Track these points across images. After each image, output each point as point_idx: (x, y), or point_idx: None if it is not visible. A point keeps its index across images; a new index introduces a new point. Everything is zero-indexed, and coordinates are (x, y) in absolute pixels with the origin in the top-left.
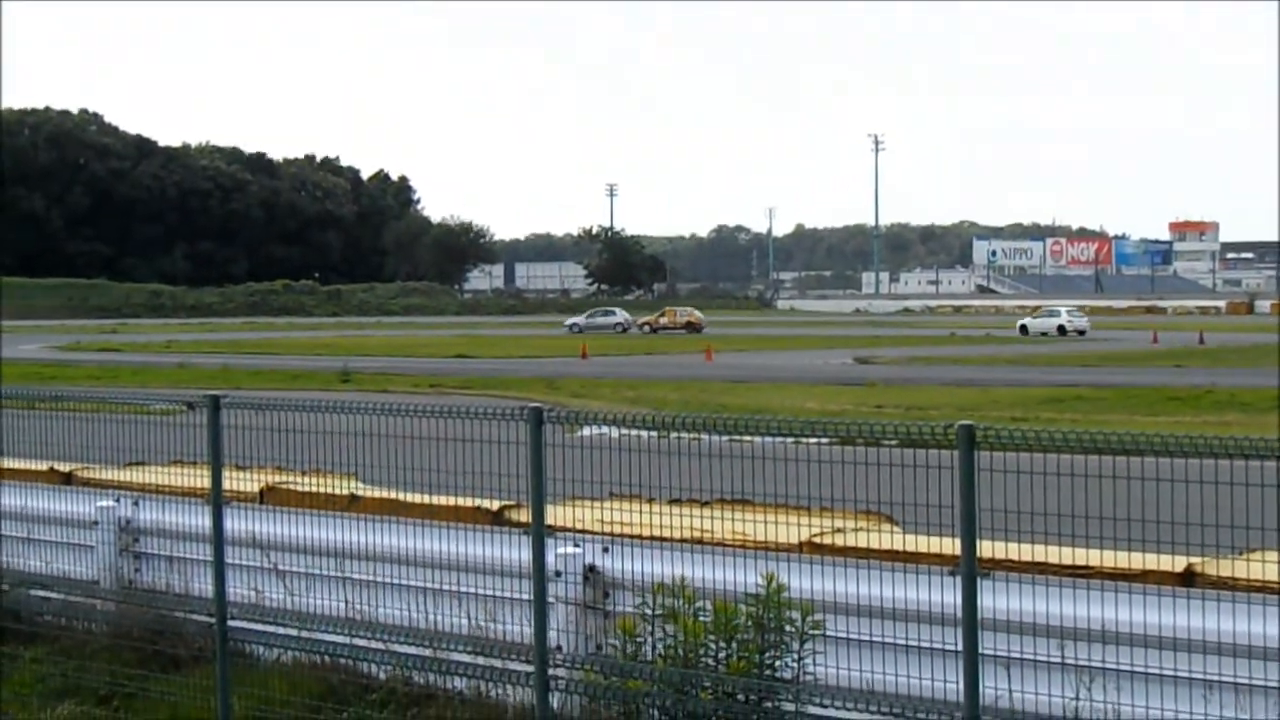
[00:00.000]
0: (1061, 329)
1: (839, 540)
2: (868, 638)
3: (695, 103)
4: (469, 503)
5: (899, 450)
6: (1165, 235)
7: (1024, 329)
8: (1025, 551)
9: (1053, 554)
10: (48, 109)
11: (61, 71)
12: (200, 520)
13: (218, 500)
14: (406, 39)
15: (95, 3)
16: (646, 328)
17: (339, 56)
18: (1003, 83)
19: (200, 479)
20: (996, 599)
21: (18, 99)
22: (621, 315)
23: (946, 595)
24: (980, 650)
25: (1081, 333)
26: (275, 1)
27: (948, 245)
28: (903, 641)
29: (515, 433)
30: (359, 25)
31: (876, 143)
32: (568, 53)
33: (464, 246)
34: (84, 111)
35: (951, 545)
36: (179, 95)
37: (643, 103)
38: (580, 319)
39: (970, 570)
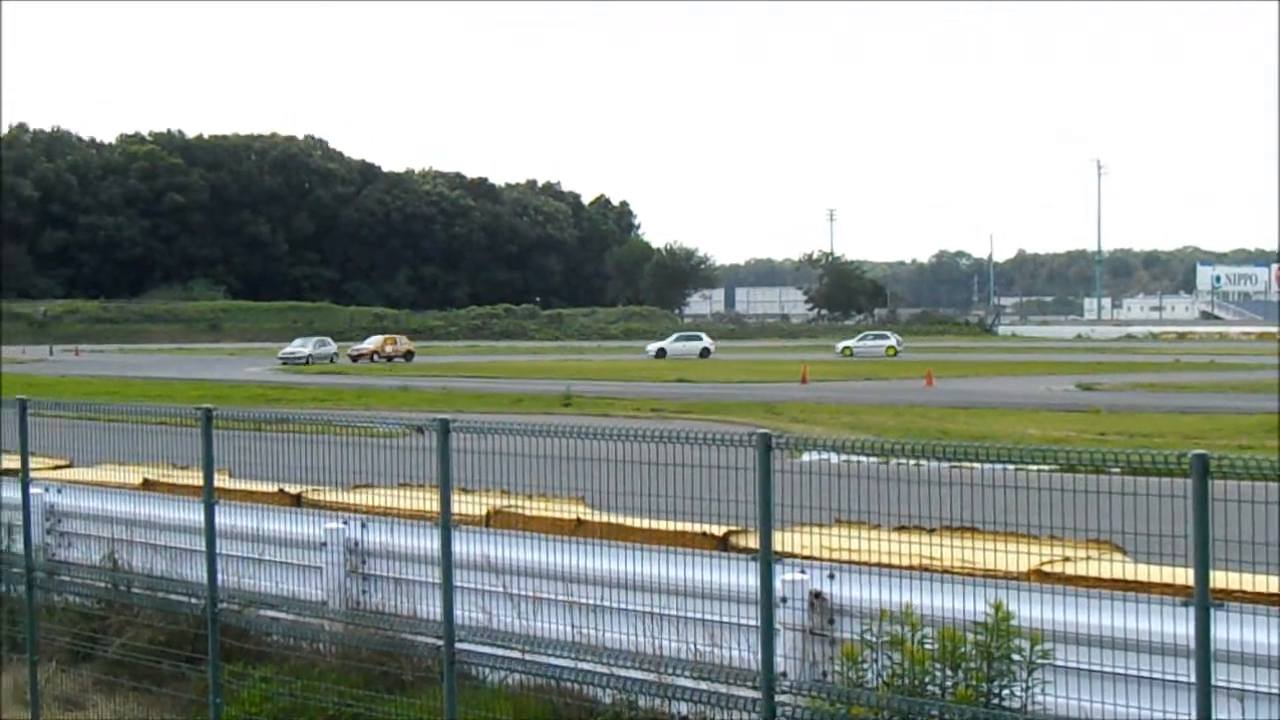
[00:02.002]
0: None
1: (1067, 569)
2: (1097, 668)
3: (916, 127)
4: (694, 528)
5: (1124, 478)
6: None
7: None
8: (1260, 583)
9: None
10: (274, 134)
11: (287, 97)
12: (427, 542)
13: (447, 523)
14: (628, 65)
15: (320, 32)
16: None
17: (562, 84)
18: (1226, 104)
19: (426, 502)
20: (1230, 630)
21: (246, 125)
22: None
23: (1178, 626)
24: (1213, 682)
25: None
26: (498, 31)
27: (1171, 271)
28: (1133, 672)
29: (739, 458)
30: (580, 53)
31: (1099, 167)
32: (787, 77)
33: (685, 271)
34: (309, 137)
35: (1183, 575)
36: (402, 121)
37: (864, 128)
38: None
39: (1204, 601)
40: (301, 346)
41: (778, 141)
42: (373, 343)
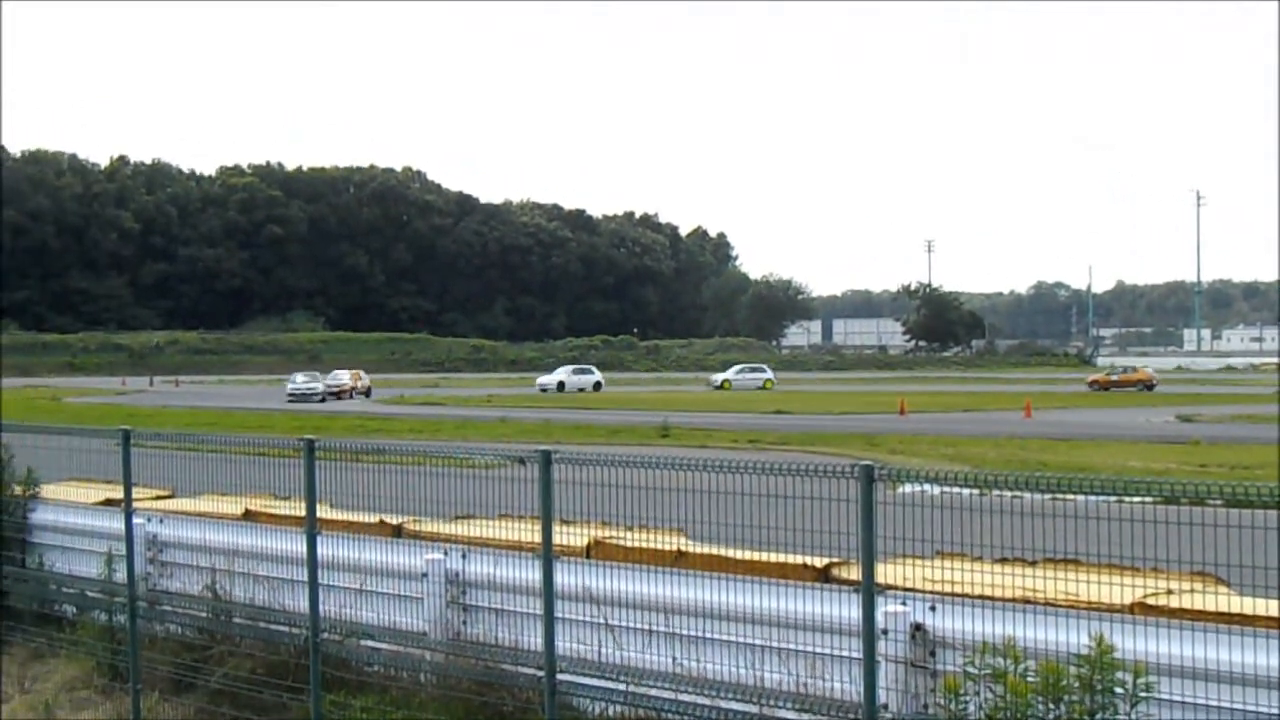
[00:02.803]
0: None
1: (1170, 601)
2: (1200, 700)
3: (1014, 157)
4: (795, 559)
5: (1225, 510)
6: None
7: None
8: None
9: None
10: (372, 166)
11: (387, 130)
12: (527, 574)
13: (548, 554)
14: (728, 97)
15: (420, 65)
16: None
17: (662, 116)
18: None
19: (527, 533)
20: None
21: (345, 157)
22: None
23: None
24: None
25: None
26: (597, 65)
27: (1271, 301)
28: (1237, 705)
29: (839, 489)
30: (681, 86)
31: (1198, 197)
32: (885, 108)
33: (782, 303)
34: (407, 169)
35: None
36: (501, 153)
37: (963, 158)
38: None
39: None
40: (313, 382)
41: (875, 171)
42: (346, 377)
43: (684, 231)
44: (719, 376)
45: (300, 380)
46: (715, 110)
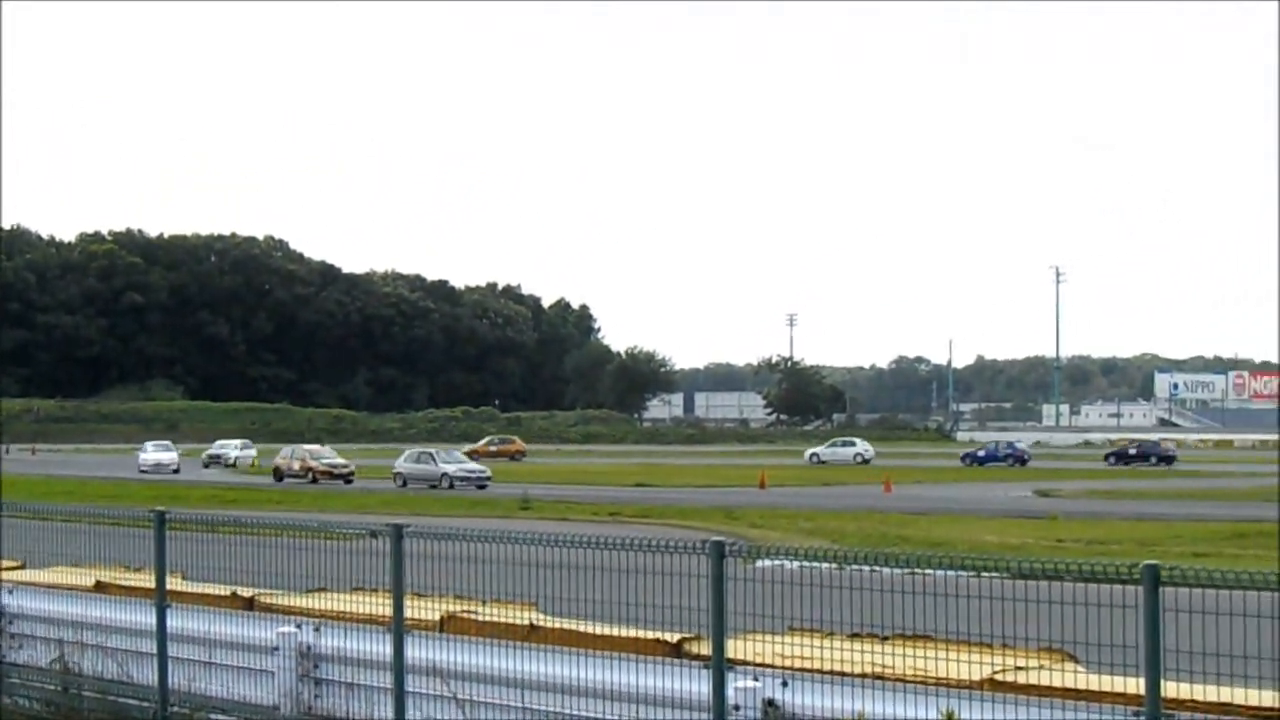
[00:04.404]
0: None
1: (1020, 678)
2: None
3: (877, 233)
4: (648, 634)
5: (1080, 586)
6: None
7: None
8: (1210, 693)
9: (1239, 695)
10: (233, 235)
11: (249, 198)
12: (381, 647)
13: (399, 628)
14: (589, 169)
15: (284, 133)
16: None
17: (524, 188)
18: (1183, 212)
19: (381, 606)
20: None
21: (204, 225)
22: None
23: None
24: None
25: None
26: (460, 134)
27: (1129, 377)
28: None
29: (695, 565)
30: (542, 157)
31: (1058, 274)
32: (747, 183)
33: (645, 375)
34: (269, 238)
35: (1135, 685)
36: (365, 223)
37: (824, 233)
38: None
39: (1154, 712)
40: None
41: (738, 245)
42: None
43: (547, 303)
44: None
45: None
46: (579, 182)
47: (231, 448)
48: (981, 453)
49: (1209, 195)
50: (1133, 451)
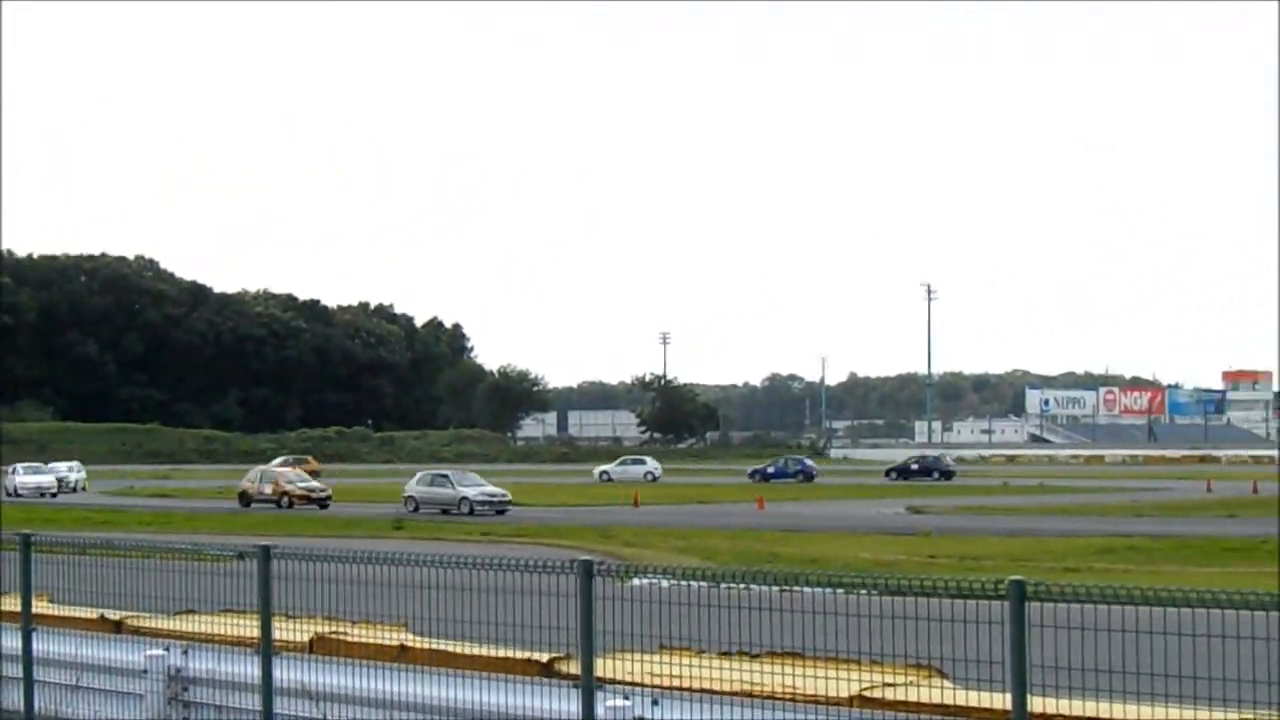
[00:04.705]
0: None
1: (889, 694)
2: None
3: (749, 251)
4: (519, 654)
5: (950, 603)
6: (1219, 384)
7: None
8: (1076, 707)
9: (1104, 710)
10: (103, 255)
11: (117, 217)
12: (250, 669)
13: (267, 650)
14: (461, 188)
15: (158, 152)
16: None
17: (396, 207)
18: (1055, 230)
19: (250, 628)
20: None
21: (73, 244)
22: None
23: None
24: None
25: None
26: (332, 150)
27: (1001, 394)
28: None
29: (567, 584)
30: (414, 176)
31: (929, 291)
32: (618, 201)
33: (518, 394)
34: (140, 258)
35: (1002, 700)
36: (235, 242)
37: (697, 251)
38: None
39: None
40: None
41: (611, 264)
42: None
43: (419, 322)
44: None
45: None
46: (451, 202)
47: (59, 471)
48: (770, 468)
49: (1075, 217)
50: (914, 467)
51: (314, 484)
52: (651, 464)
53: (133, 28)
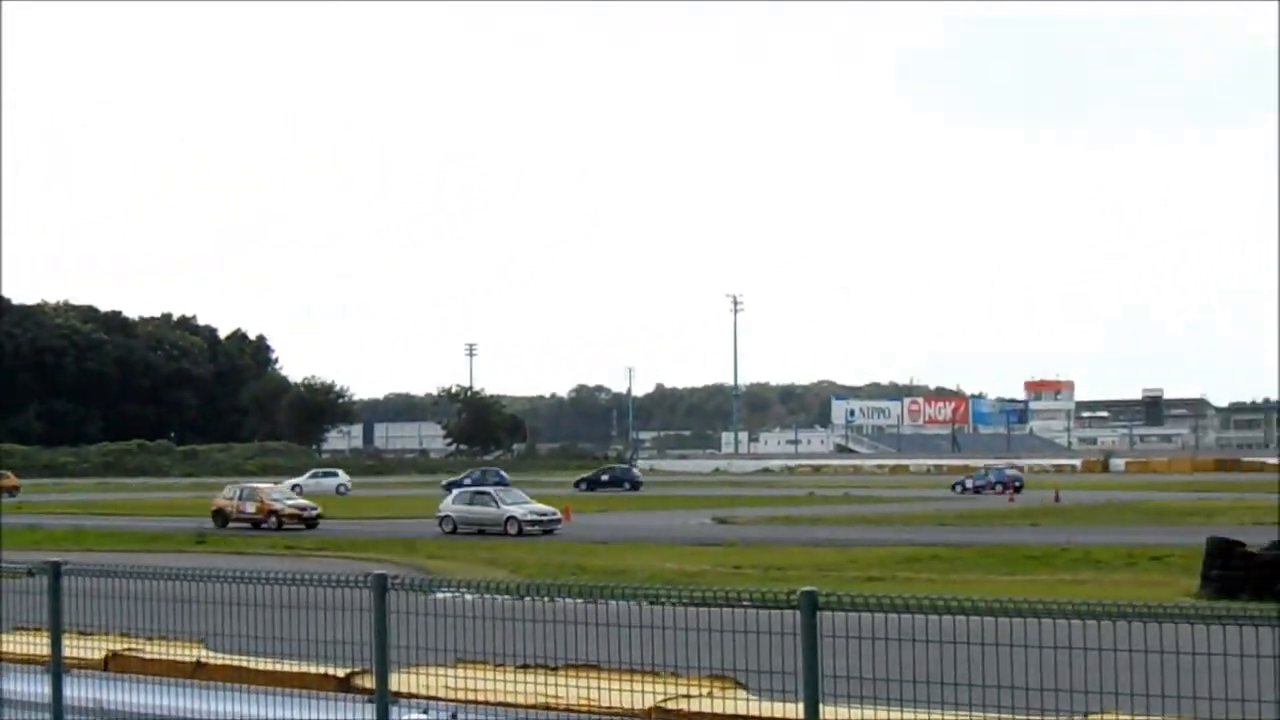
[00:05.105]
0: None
1: (687, 706)
2: None
3: (554, 262)
4: (317, 669)
5: (753, 613)
6: (1021, 394)
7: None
8: (869, 714)
9: (894, 716)
10: None
11: None
12: (39, 688)
13: (57, 669)
14: (261, 197)
15: None
16: None
17: (197, 218)
18: (858, 242)
19: (42, 646)
20: None
21: None
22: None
23: None
24: None
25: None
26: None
27: (807, 405)
28: None
29: (365, 599)
30: (213, 187)
31: (735, 302)
32: (421, 212)
33: (323, 406)
34: None
35: (796, 710)
36: (35, 253)
37: (502, 261)
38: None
39: None
40: None
41: (417, 274)
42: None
43: (223, 334)
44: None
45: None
46: (252, 212)
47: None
48: (468, 479)
49: (878, 227)
50: (605, 478)
51: (302, 501)
52: (343, 477)
53: None
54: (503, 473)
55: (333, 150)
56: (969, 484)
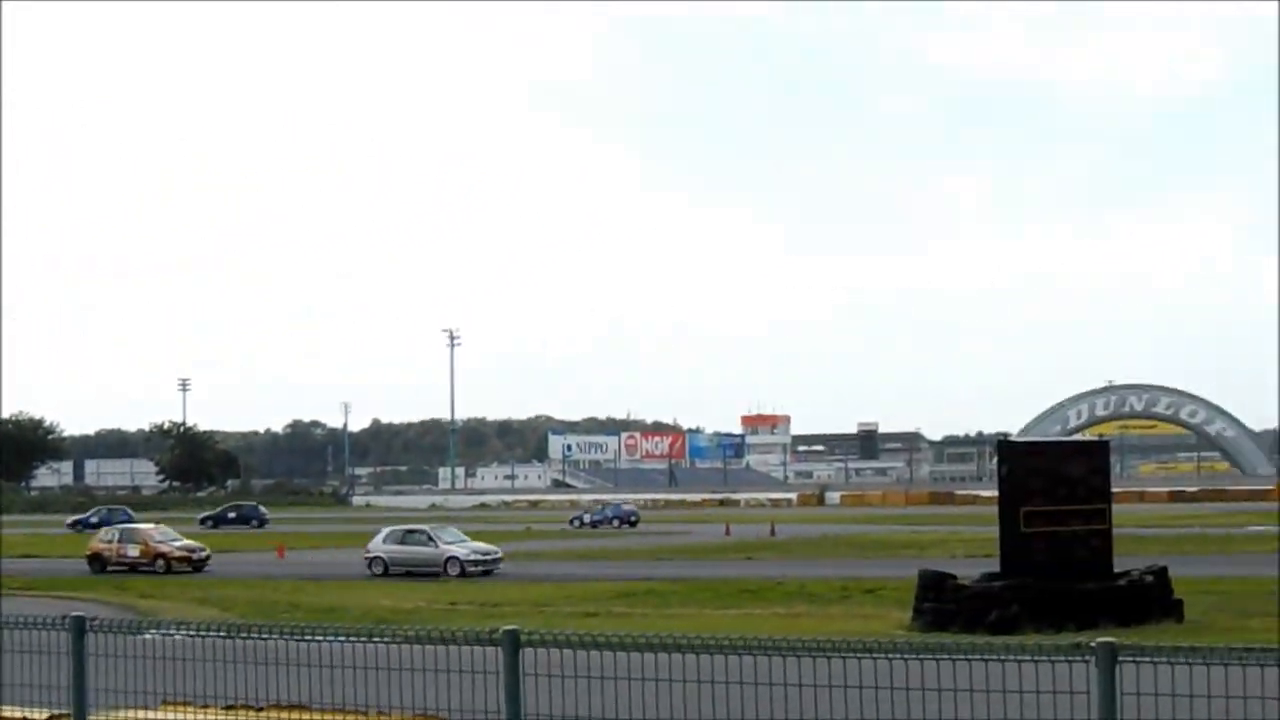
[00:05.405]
0: None
1: None
2: None
3: (268, 296)
4: (16, 713)
5: (467, 651)
6: (738, 429)
7: None
8: None
9: None
10: None
11: None
12: None
13: None
14: None
15: None
16: None
17: None
18: (575, 276)
19: None
20: None
21: None
22: None
23: None
24: None
25: None
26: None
27: (525, 440)
28: None
29: (58, 641)
30: None
31: (452, 337)
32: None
33: (32, 443)
34: None
35: None
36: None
37: (214, 296)
38: None
39: None
40: None
41: (126, 308)
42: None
43: None
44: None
45: None
46: None
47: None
48: (94, 517)
49: (593, 262)
50: (231, 515)
51: (190, 543)
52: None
53: None
54: (129, 510)
55: (37, 181)
56: (586, 519)
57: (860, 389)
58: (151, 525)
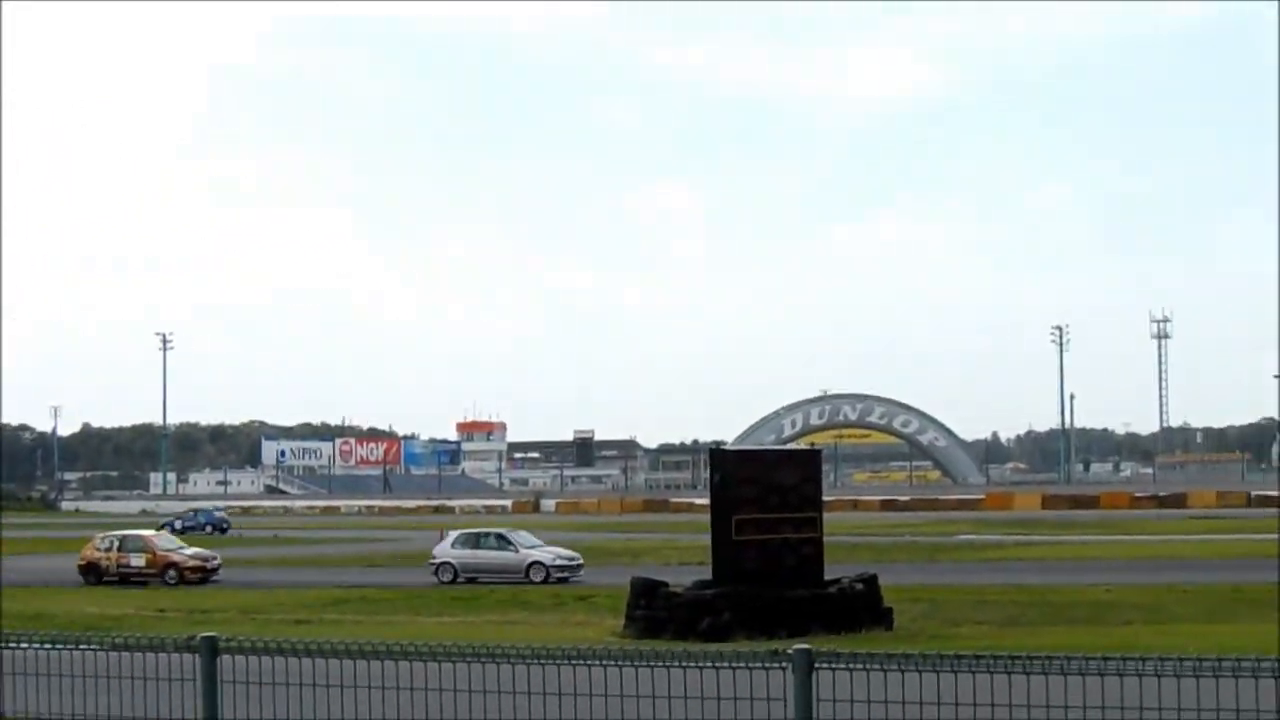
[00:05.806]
0: None
1: None
2: None
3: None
4: None
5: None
6: (454, 435)
7: None
8: None
9: None
10: None
11: None
12: None
13: None
14: None
15: None
16: None
17: None
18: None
19: None
20: None
21: None
22: None
23: None
24: None
25: None
26: None
27: (238, 445)
28: None
29: None
30: None
31: (165, 340)
32: None
33: None
34: None
35: None
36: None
37: None
38: None
39: None
40: None
41: None
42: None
43: None
44: None
45: None
46: None
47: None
48: (179, 523)
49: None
50: None
51: (203, 550)
52: None
53: None
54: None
55: None
56: (177, 525)
57: (576, 397)
58: (152, 532)
